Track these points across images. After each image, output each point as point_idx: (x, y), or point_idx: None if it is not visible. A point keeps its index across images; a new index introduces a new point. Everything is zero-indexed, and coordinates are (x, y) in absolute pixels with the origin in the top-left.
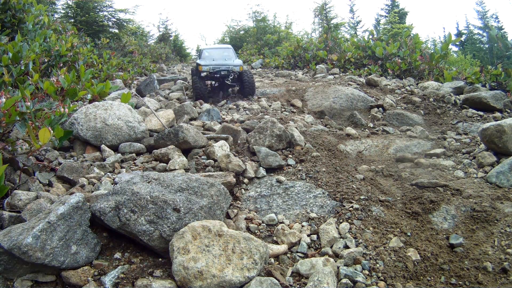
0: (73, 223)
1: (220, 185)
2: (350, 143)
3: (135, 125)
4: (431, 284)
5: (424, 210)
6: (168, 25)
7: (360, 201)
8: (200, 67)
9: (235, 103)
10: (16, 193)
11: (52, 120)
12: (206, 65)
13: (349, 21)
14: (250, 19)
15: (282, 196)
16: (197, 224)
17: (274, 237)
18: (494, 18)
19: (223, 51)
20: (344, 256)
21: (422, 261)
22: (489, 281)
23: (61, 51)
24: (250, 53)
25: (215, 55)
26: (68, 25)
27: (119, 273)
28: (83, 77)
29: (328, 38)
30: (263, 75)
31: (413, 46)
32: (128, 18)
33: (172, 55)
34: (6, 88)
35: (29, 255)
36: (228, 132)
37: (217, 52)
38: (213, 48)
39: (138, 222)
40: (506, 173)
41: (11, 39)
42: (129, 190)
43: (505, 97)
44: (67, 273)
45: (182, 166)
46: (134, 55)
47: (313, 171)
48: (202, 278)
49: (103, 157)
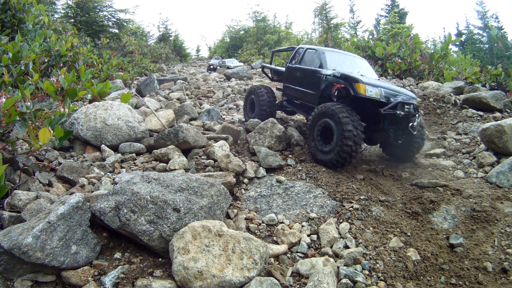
0: (73, 223)
1: (220, 185)
2: None
3: (135, 125)
4: (431, 284)
5: (424, 210)
6: (168, 25)
7: (360, 201)
8: (359, 86)
9: (235, 103)
10: (16, 193)
11: (52, 120)
12: (372, 86)
13: (349, 21)
14: (250, 19)
15: (282, 196)
16: (197, 224)
17: (274, 237)
18: (494, 18)
19: (357, 62)
20: (344, 256)
21: (422, 261)
22: (489, 281)
23: (61, 51)
24: (250, 53)
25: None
26: (68, 25)
27: (119, 273)
28: (83, 77)
29: (328, 38)
30: (263, 75)
31: (413, 46)
32: (128, 18)
33: (172, 55)
34: (6, 88)
35: (29, 255)
36: (228, 132)
37: (350, 63)
38: (341, 53)
39: (138, 222)
40: (506, 173)
41: (11, 39)
42: (129, 190)
43: (505, 97)
44: (67, 273)
45: (182, 166)
46: (134, 55)
47: (313, 171)
48: (202, 278)
49: (103, 157)
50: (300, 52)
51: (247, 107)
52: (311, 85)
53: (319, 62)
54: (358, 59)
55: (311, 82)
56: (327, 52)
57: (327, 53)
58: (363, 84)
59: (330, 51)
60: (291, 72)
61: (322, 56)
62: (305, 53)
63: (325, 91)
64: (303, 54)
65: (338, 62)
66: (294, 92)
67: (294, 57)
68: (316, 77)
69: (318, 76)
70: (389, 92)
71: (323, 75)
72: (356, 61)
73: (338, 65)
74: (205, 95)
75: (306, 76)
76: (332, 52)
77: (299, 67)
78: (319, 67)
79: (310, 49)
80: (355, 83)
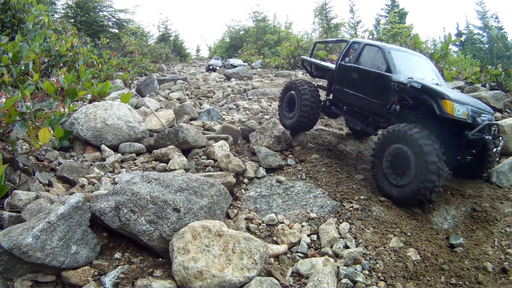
0: (73, 223)
1: (220, 185)
2: (350, 143)
3: (135, 125)
4: (431, 284)
5: (424, 210)
6: (168, 25)
7: (360, 201)
8: (446, 104)
9: (235, 103)
10: (16, 193)
11: (52, 120)
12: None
13: (349, 21)
14: (250, 19)
15: (282, 196)
16: (197, 224)
17: (274, 237)
18: (494, 18)
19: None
20: (344, 256)
21: (422, 261)
22: (489, 281)
23: (61, 51)
24: (250, 53)
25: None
26: (68, 25)
27: (119, 273)
28: (83, 77)
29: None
30: (263, 75)
31: (413, 46)
32: (128, 18)
33: (172, 55)
34: (6, 88)
35: (29, 255)
36: (228, 132)
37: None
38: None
39: (138, 222)
40: (506, 173)
41: (11, 39)
42: (129, 190)
43: (505, 97)
44: (67, 273)
45: (182, 166)
46: (134, 55)
47: (313, 171)
48: (202, 278)
49: (103, 157)
50: (356, 48)
51: (283, 106)
52: (375, 93)
53: (384, 64)
54: (424, 59)
55: (376, 88)
56: (394, 52)
57: (394, 52)
58: (451, 101)
59: (396, 50)
60: (345, 72)
61: (388, 56)
62: (363, 50)
63: (395, 103)
64: (360, 51)
65: (407, 64)
66: (348, 97)
67: (347, 53)
68: (383, 84)
69: (386, 83)
70: (474, 109)
71: (394, 83)
72: (423, 63)
73: (407, 68)
74: (205, 95)
75: (368, 80)
76: (398, 51)
77: (358, 67)
78: (387, 70)
79: (371, 45)
80: (441, 99)
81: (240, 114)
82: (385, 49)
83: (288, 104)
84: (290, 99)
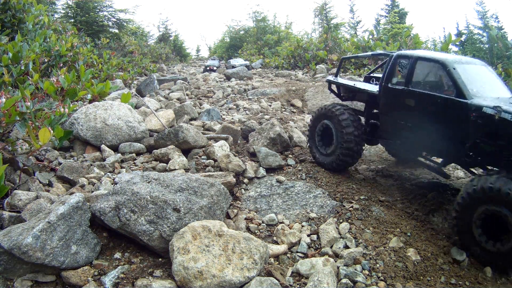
0: (73, 223)
1: (220, 185)
2: None
3: (135, 125)
4: (431, 284)
5: (424, 210)
6: (168, 25)
7: (360, 201)
8: None
9: (235, 103)
10: (16, 193)
11: (52, 120)
12: None
13: (349, 21)
14: (250, 19)
15: (282, 196)
16: (197, 224)
17: (274, 237)
18: (494, 18)
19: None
20: (344, 256)
21: (422, 261)
22: (489, 281)
23: (61, 51)
24: (250, 53)
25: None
26: (68, 25)
27: (119, 273)
28: (83, 77)
29: (328, 38)
30: (263, 75)
31: (413, 46)
32: (128, 18)
33: (172, 55)
34: (6, 88)
35: (29, 255)
36: (228, 132)
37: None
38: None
39: (138, 222)
40: None
41: (11, 39)
42: (129, 190)
43: None
44: (67, 273)
45: (182, 166)
46: (134, 55)
47: (313, 171)
48: (202, 278)
49: (103, 157)
50: (404, 65)
51: (315, 137)
52: (444, 127)
53: (452, 85)
54: (485, 67)
55: (445, 121)
56: (459, 66)
57: (460, 67)
58: None
59: (459, 62)
60: (395, 99)
61: (455, 74)
62: (415, 67)
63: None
64: (411, 68)
65: (477, 81)
66: (403, 130)
67: (393, 71)
68: (456, 114)
69: (461, 113)
70: None
71: (473, 113)
72: (487, 73)
73: (480, 87)
74: (205, 95)
75: (431, 110)
76: (462, 63)
77: (413, 92)
78: (458, 95)
79: (425, 59)
80: None
81: (240, 114)
82: (447, 64)
83: (322, 136)
84: (324, 131)
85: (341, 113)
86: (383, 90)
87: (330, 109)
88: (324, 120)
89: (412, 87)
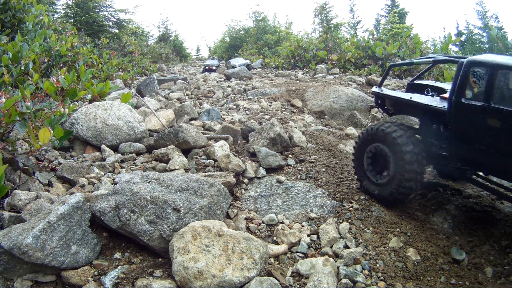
0: (73, 223)
1: (220, 185)
2: (350, 143)
3: (135, 125)
4: (431, 284)
5: (424, 210)
6: (168, 25)
7: (360, 201)
8: None
9: (235, 103)
10: (16, 193)
11: (52, 120)
12: None
13: (349, 21)
14: (250, 19)
15: (282, 196)
16: (197, 224)
17: (274, 237)
18: (494, 18)
19: None
20: (344, 256)
21: (422, 261)
22: (489, 281)
23: (61, 51)
24: (250, 53)
25: None
26: (68, 25)
27: (119, 273)
28: (83, 77)
29: (328, 38)
30: (263, 75)
31: (413, 46)
32: (128, 18)
33: (172, 55)
34: (6, 88)
35: (29, 255)
36: (228, 132)
37: None
38: None
39: (138, 222)
40: None
41: (11, 39)
42: (129, 190)
43: None
44: (67, 273)
45: (182, 166)
46: (134, 55)
47: (313, 171)
48: (202, 278)
49: (103, 157)
50: (480, 76)
51: (364, 164)
52: None
53: None
54: None
55: None
56: None
57: None
58: None
59: None
60: (472, 117)
61: None
62: (495, 78)
63: None
64: (490, 79)
65: None
66: (485, 158)
67: (464, 83)
68: None
69: None
70: None
71: None
72: None
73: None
74: (205, 95)
75: None
76: None
77: (498, 109)
78: None
79: (507, 68)
80: None
81: (240, 114)
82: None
83: (372, 162)
84: (375, 155)
85: (399, 136)
86: (457, 106)
87: (381, 130)
88: (375, 143)
89: (496, 104)
